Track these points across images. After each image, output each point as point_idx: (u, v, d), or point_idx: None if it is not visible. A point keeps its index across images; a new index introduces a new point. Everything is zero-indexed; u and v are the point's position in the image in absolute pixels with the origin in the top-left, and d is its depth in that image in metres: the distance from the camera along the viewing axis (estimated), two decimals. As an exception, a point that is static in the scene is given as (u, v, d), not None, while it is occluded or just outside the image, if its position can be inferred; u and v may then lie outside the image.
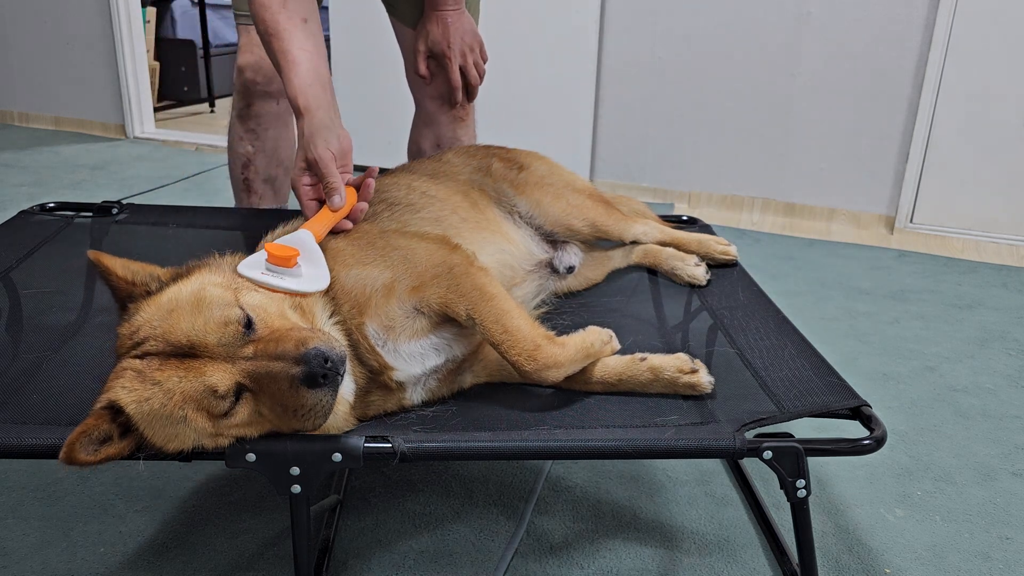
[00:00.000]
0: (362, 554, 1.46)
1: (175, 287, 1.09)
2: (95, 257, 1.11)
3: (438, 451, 1.12)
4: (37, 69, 5.01)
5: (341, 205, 1.37)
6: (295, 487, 1.09)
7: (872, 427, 1.18)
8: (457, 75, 1.94)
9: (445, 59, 1.92)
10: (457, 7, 1.89)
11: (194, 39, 5.78)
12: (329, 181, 1.37)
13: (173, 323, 1.02)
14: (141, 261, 1.16)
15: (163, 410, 0.99)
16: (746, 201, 3.63)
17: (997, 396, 2.08)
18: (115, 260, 1.12)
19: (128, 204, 2.06)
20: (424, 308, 1.23)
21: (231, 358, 1.01)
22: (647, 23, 3.55)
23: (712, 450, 1.15)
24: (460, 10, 1.90)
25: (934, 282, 2.88)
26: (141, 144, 4.71)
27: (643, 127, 3.70)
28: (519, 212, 1.69)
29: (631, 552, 1.48)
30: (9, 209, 3.24)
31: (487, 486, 1.65)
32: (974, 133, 3.24)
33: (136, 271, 1.12)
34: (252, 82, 2.09)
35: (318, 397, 1.02)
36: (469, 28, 1.92)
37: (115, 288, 1.11)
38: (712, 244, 1.80)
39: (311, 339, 1.01)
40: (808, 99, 3.43)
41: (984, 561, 1.49)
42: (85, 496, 1.59)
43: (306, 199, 1.41)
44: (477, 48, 1.94)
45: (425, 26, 1.92)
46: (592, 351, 1.27)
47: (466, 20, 1.92)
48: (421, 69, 1.96)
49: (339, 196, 1.37)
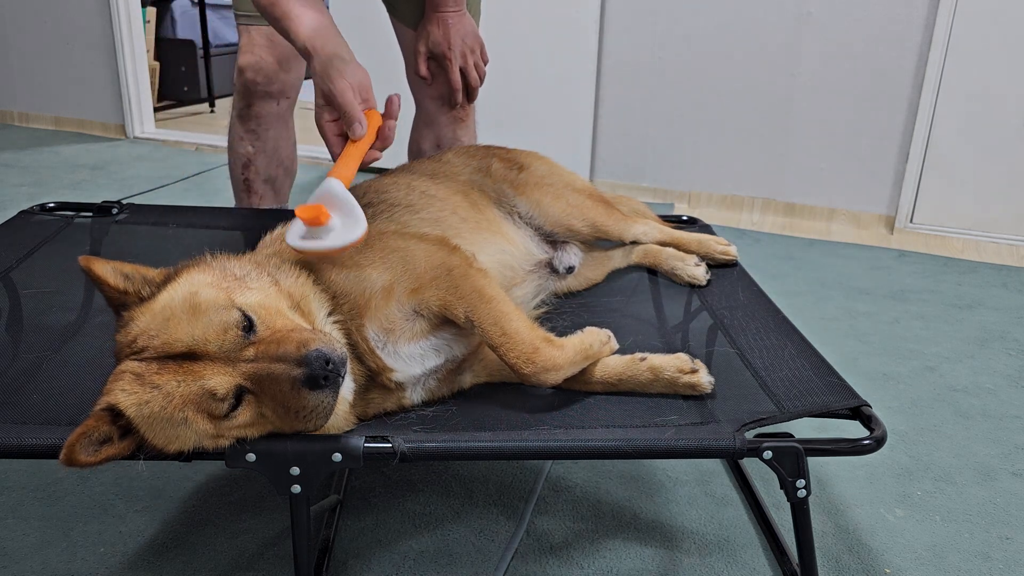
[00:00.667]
0: (362, 554, 1.46)
1: (167, 292, 1.07)
2: (86, 264, 1.10)
3: (438, 451, 1.12)
4: (37, 69, 5.01)
5: (363, 134, 1.34)
6: (295, 487, 1.09)
7: (872, 427, 1.18)
8: (457, 76, 1.94)
9: (445, 60, 1.92)
10: (458, 8, 1.89)
11: (194, 39, 5.77)
12: (347, 111, 1.34)
13: (171, 332, 1.01)
14: (141, 261, 1.15)
15: (163, 413, 0.99)
16: (746, 201, 3.63)
17: (997, 396, 2.08)
18: (106, 267, 1.10)
19: (128, 204, 2.06)
20: (423, 310, 1.23)
21: (231, 361, 1.01)
22: (647, 23, 3.55)
23: (712, 450, 1.15)
24: (461, 11, 1.90)
25: (934, 282, 2.88)
26: (141, 144, 4.71)
27: (643, 127, 3.70)
28: (519, 212, 1.69)
29: (631, 552, 1.48)
30: (9, 209, 3.24)
31: (487, 486, 1.65)
32: (974, 133, 3.23)
33: (129, 275, 1.10)
34: (252, 82, 2.09)
35: (319, 399, 1.02)
36: (470, 29, 1.92)
37: (108, 297, 1.10)
38: (712, 244, 1.80)
39: (312, 340, 1.01)
40: (808, 99, 3.43)
41: (984, 561, 1.49)
42: (85, 496, 1.59)
43: (331, 135, 1.38)
44: (478, 49, 1.94)
45: (426, 27, 1.92)
46: (591, 352, 1.27)
47: (467, 22, 1.92)
48: (422, 70, 1.96)
49: (359, 124, 1.34)
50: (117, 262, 1.12)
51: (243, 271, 1.14)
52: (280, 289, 1.14)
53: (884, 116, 3.35)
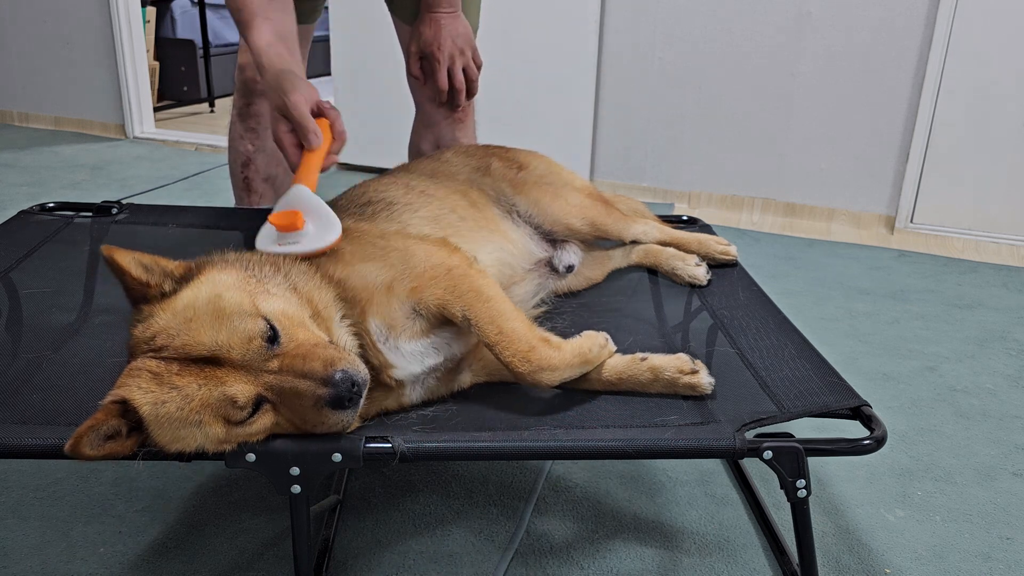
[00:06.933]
0: (362, 554, 1.46)
1: (190, 290, 1.07)
2: (109, 253, 1.09)
3: (438, 451, 1.12)
4: (37, 69, 5.01)
5: (318, 144, 1.41)
6: (295, 487, 1.09)
7: (872, 427, 1.18)
8: (444, 78, 1.92)
9: (434, 61, 1.91)
10: (452, 10, 1.88)
11: (194, 39, 5.77)
12: (302, 123, 1.40)
13: (193, 335, 1.01)
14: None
15: (179, 414, 0.99)
16: (746, 201, 3.63)
17: (997, 396, 2.08)
18: (128, 257, 1.09)
19: (128, 204, 2.06)
20: (422, 310, 1.23)
21: (254, 370, 1.02)
22: (647, 23, 3.55)
23: (712, 450, 1.15)
24: (455, 13, 1.89)
25: (934, 282, 2.88)
26: (141, 144, 4.71)
27: (643, 127, 3.70)
28: (518, 211, 1.69)
29: (631, 552, 1.48)
30: (9, 209, 3.24)
31: (487, 486, 1.65)
32: (974, 133, 3.23)
33: (148, 266, 1.10)
34: (253, 80, 2.09)
35: (340, 417, 1.04)
36: (462, 31, 1.90)
37: (128, 288, 1.10)
38: (712, 244, 1.80)
39: (338, 360, 1.02)
40: (808, 99, 3.43)
41: (984, 561, 1.49)
42: (85, 496, 1.59)
43: (289, 146, 1.44)
44: (469, 52, 1.92)
45: (418, 27, 1.91)
46: (590, 357, 1.26)
47: (460, 23, 1.90)
48: (413, 70, 1.96)
49: (314, 135, 1.40)
50: (137, 252, 1.11)
51: (261, 271, 1.14)
52: (300, 295, 1.14)
53: (884, 116, 3.35)
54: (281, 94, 1.42)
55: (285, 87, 1.42)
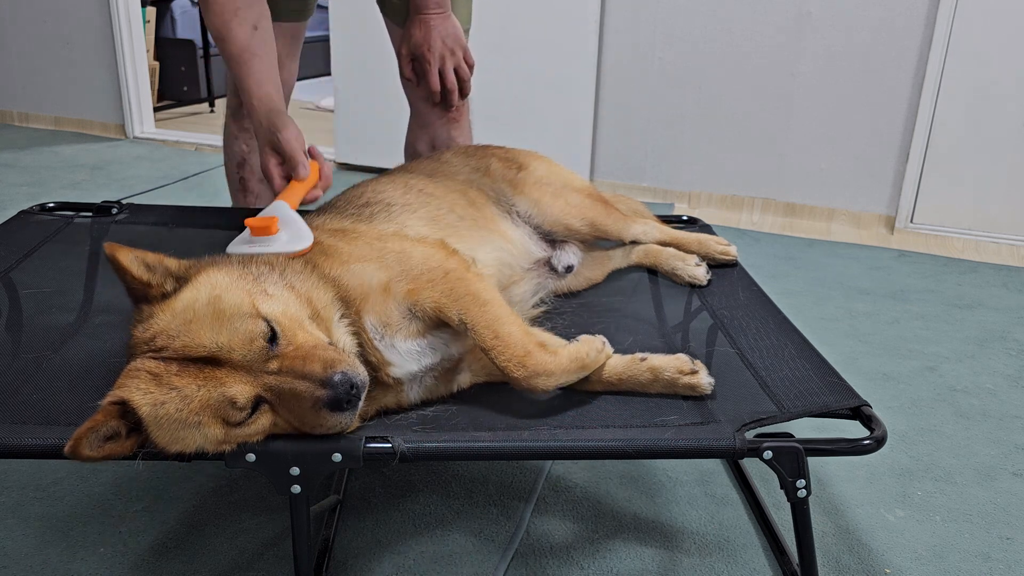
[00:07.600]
0: (362, 554, 1.46)
1: (189, 291, 1.07)
2: (111, 251, 1.09)
3: (438, 451, 1.12)
4: (37, 69, 5.01)
5: (306, 175, 1.53)
6: (295, 487, 1.09)
7: (872, 427, 1.18)
8: (436, 79, 1.92)
9: (425, 62, 1.91)
10: (441, 11, 1.88)
11: (194, 39, 5.77)
12: (293, 156, 1.52)
13: (193, 335, 1.01)
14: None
15: (178, 415, 0.99)
16: (746, 201, 3.63)
17: (997, 396, 2.08)
18: (130, 255, 1.09)
19: (128, 204, 2.06)
20: (418, 311, 1.23)
21: (253, 370, 1.02)
22: (647, 23, 3.55)
23: (712, 450, 1.15)
24: (444, 14, 1.88)
25: (934, 282, 2.88)
26: (141, 144, 4.71)
27: (643, 127, 3.70)
28: (517, 211, 1.69)
29: (631, 552, 1.48)
30: (9, 209, 3.24)
31: (487, 486, 1.65)
32: (974, 133, 3.23)
33: (151, 265, 1.10)
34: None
35: (339, 419, 1.05)
36: (452, 32, 1.90)
37: (129, 287, 1.10)
38: (712, 244, 1.79)
39: (338, 362, 1.02)
40: (808, 99, 3.43)
41: (984, 561, 1.49)
42: (85, 496, 1.59)
43: (278, 178, 1.54)
44: (459, 51, 1.92)
45: (408, 29, 1.91)
46: (587, 362, 1.25)
47: (450, 24, 1.90)
48: (405, 72, 1.96)
49: (303, 166, 1.52)
50: (140, 251, 1.11)
51: (259, 271, 1.14)
52: (298, 295, 1.13)
53: (884, 116, 3.35)
54: (274, 130, 1.53)
55: (277, 124, 1.53)
